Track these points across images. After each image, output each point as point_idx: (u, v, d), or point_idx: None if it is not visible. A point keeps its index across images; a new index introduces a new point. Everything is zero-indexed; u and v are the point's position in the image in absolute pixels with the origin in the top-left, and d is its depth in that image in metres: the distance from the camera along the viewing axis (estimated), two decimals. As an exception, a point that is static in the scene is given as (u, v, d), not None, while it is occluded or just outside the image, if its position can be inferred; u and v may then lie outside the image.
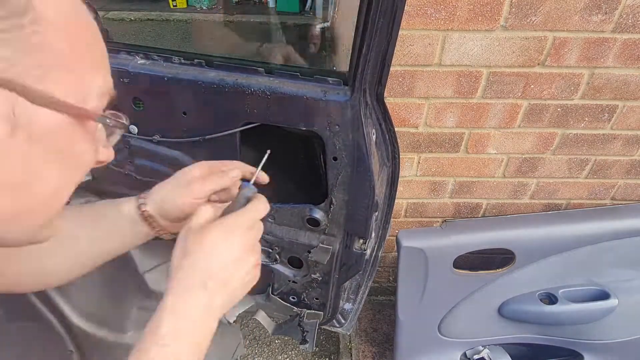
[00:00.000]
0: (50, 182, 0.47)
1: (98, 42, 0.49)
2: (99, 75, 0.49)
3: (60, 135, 0.45)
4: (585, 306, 1.62)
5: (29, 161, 0.44)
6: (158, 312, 0.58)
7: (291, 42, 4.50)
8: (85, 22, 0.47)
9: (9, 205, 0.45)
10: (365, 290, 1.25)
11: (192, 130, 0.96)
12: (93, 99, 0.47)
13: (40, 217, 0.49)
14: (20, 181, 0.44)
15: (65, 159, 0.47)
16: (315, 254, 1.07)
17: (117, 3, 4.88)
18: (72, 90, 0.45)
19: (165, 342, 0.56)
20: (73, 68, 0.44)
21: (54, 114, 0.43)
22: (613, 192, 1.78)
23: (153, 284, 1.36)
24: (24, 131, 0.42)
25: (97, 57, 0.49)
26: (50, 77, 0.42)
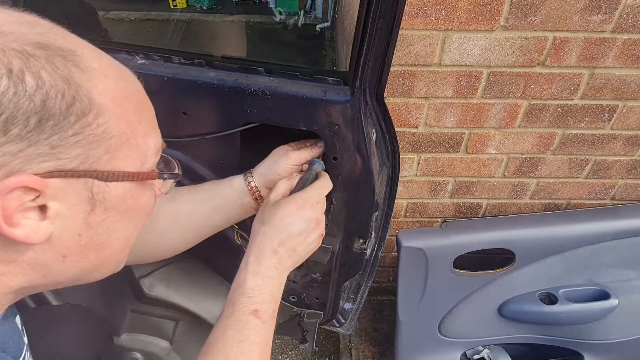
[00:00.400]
0: (124, 233, 0.56)
1: (146, 105, 0.56)
2: (153, 135, 0.55)
3: (129, 198, 0.53)
4: (585, 306, 1.62)
5: (107, 225, 0.52)
6: (242, 271, 0.74)
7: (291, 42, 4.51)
8: (135, 93, 0.53)
9: (94, 261, 0.54)
10: (366, 290, 1.25)
11: (192, 130, 0.96)
12: (151, 158, 0.55)
13: (116, 260, 0.59)
14: (100, 241, 0.53)
15: (134, 213, 0.56)
16: (315, 253, 1.06)
17: (117, 3, 4.88)
18: (134, 159, 0.52)
19: (250, 294, 0.71)
20: (132, 140, 0.51)
21: (122, 184, 0.51)
22: (613, 192, 1.78)
23: (148, 288, 1.36)
24: (100, 205, 0.50)
25: (149, 119, 0.56)
26: (117, 157, 0.49)
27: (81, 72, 0.45)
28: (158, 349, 1.42)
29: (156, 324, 1.43)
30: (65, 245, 0.49)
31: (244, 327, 0.68)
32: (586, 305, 1.62)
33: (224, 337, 0.67)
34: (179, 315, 1.42)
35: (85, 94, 0.45)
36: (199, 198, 0.89)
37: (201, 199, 0.89)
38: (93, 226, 0.50)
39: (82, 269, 0.53)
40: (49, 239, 0.47)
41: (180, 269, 1.38)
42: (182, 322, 1.43)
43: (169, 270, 1.37)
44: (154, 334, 1.43)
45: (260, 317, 0.69)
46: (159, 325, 1.43)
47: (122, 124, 0.49)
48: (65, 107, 0.43)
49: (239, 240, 1.08)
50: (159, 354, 1.42)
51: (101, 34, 1.58)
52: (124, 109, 0.50)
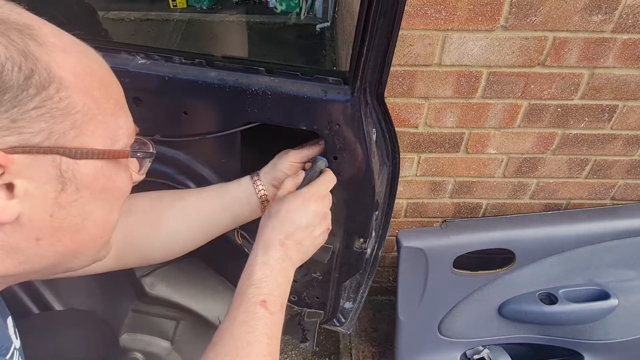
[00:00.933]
0: (100, 216, 0.54)
1: (114, 85, 0.55)
2: (122, 115, 0.55)
3: (101, 177, 0.52)
4: (585, 306, 1.62)
5: (80, 206, 0.51)
6: (250, 264, 0.74)
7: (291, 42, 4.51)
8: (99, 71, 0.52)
9: (69, 244, 0.52)
10: (366, 289, 1.25)
11: (193, 130, 0.96)
12: (122, 138, 0.54)
13: (97, 246, 0.57)
14: (75, 224, 0.51)
15: (108, 194, 0.55)
16: (316, 253, 1.07)
17: (117, 3, 4.88)
18: (103, 136, 0.51)
19: (258, 284, 0.71)
20: (99, 117, 0.50)
21: (93, 162, 0.50)
22: (613, 192, 1.78)
23: (149, 287, 1.36)
24: (71, 184, 0.49)
25: (117, 100, 0.55)
26: (84, 132, 0.48)
27: (39, 46, 0.45)
28: (159, 349, 1.42)
29: (157, 323, 1.43)
30: (38, 226, 0.48)
31: (251, 318, 0.68)
32: (586, 305, 1.62)
33: (232, 327, 0.67)
34: (179, 315, 1.42)
35: (44, 67, 0.44)
36: (207, 197, 0.90)
37: (210, 197, 0.90)
38: (65, 206, 0.49)
39: (58, 253, 0.52)
40: (19, 220, 0.46)
41: (180, 268, 1.39)
42: (183, 321, 1.43)
43: (169, 269, 1.37)
44: (154, 333, 1.43)
45: (268, 307, 0.70)
46: (159, 325, 1.43)
47: (86, 99, 0.48)
48: (23, 79, 0.43)
49: (239, 240, 1.08)
50: (160, 354, 1.42)
51: (101, 34, 1.58)
52: (87, 84, 0.49)
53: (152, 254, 0.88)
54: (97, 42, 0.96)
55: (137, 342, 1.42)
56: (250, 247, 0.89)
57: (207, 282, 1.40)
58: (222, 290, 1.40)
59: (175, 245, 0.89)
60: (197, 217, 0.89)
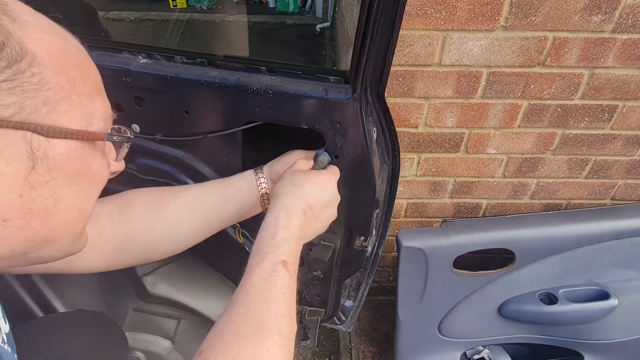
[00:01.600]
0: (73, 201, 0.52)
1: (91, 68, 0.54)
2: (98, 99, 0.54)
3: (75, 159, 0.50)
4: (585, 306, 1.62)
5: (52, 188, 0.49)
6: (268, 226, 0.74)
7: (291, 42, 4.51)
8: (76, 53, 0.52)
9: (39, 229, 0.50)
10: (366, 287, 1.26)
11: (194, 129, 0.97)
12: (97, 122, 0.53)
13: (69, 235, 0.55)
14: (46, 207, 0.49)
15: (83, 178, 0.53)
16: (317, 251, 1.07)
17: (117, 3, 4.88)
18: (77, 117, 0.50)
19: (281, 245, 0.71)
20: (74, 97, 0.49)
21: (66, 142, 0.49)
22: (613, 192, 1.78)
23: (151, 286, 1.36)
24: (42, 163, 0.47)
25: (94, 83, 0.54)
26: (57, 110, 0.47)
27: (12, 21, 0.44)
28: (160, 348, 1.42)
29: (158, 322, 1.43)
30: (6, 206, 0.46)
31: (271, 276, 0.67)
32: (586, 305, 1.62)
33: (249, 285, 0.66)
34: (181, 314, 1.42)
35: (16, 41, 0.44)
36: (210, 188, 0.90)
37: (212, 188, 0.90)
38: (36, 187, 0.47)
39: (27, 238, 0.50)
40: None
41: (182, 267, 1.39)
42: (184, 320, 1.43)
43: (171, 268, 1.37)
44: (155, 332, 1.43)
45: (288, 269, 0.69)
46: (160, 324, 1.43)
47: (60, 78, 0.47)
48: None
49: (240, 238, 1.08)
50: (161, 353, 1.42)
51: (101, 34, 1.58)
52: (61, 63, 0.48)
53: (153, 249, 0.87)
54: (98, 42, 0.97)
55: (138, 341, 1.42)
56: (251, 245, 0.90)
57: (208, 281, 1.40)
58: (223, 289, 1.40)
59: (178, 239, 0.88)
60: (199, 208, 0.87)
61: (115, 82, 0.93)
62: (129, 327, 1.42)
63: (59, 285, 1.22)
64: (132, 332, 1.41)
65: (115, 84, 0.93)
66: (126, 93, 0.95)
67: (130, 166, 1.07)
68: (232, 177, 0.91)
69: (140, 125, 1.01)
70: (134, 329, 1.42)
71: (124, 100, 0.97)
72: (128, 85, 0.93)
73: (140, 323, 1.42)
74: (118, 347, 1.09)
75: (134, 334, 1.41)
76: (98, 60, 0.92)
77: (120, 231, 0.81)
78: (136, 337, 1.41)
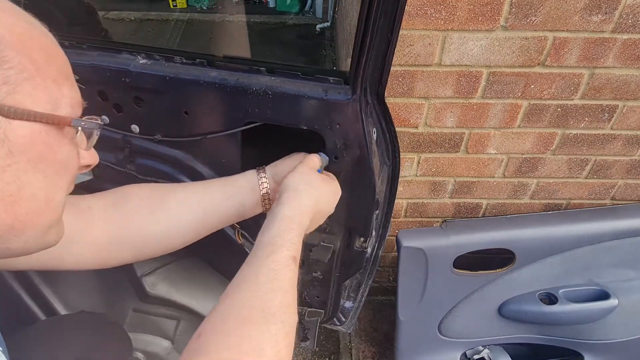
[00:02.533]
0: (39, 189, 0.50)
1: (58, 54, 0.52)
2: (66, 85, 0.52)
3: (40, 144, 0.49)
4: (585, 306, 1.62)
5: (14, 173, 0.47)
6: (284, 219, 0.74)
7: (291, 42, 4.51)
8: (41, 37, 0.50)
9: (4, 217, 0.48)
10: (366, 288, 1.26)
11: (194, 130, 0.96)
12: (65, 107, 0.51)
13: (37, 226, 0.52)
14: (10, 193, 0.47)
15: (49, 166, 0.50)
16: (317, 252, 1.07)
17: (117, 3, 4.88)
18: (42, 100, 0.48)
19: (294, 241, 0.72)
20: (38, 79, 0.48)
21: (29, 124, 0.47)
22: (613, 192, 1.78)
23: (150, 287, 1.36)
24: (3, 145, 0.45)
25: (60, 68, 0.52)
26: (18, 91, 0.46)
27: None
28: (159, 348, 1.43)
29: (157, 323, 1.43)
30: None
31: (283, 268, 0.67)
32: (586, 305, 1.62)
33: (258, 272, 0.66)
34: (180, 314, 1.42)
35: None
36: (210, 185, 0.89)
37: (213, 186, 0.89)
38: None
39: None
40: None
41: (181, 267, 1.39)
42: (184, 321, 1.43)
43: (170, 268, 1.37)
44: (155, 333, 1.43)
45: (296, 264, 0.70)
46: (160, 324, 1.43)
47: (23, 59, 0.46)
48: None
49: (240, 239, 1.08)
50: (160, 353, 1.42)
51: (101, 34, 1.58)
52: (25, 44, 0.47)
53: (149, 245, 0.84)
54: (98, 42, 0.97)
55: (137, 341, 1.42)
56: (251, 247, 0.89)
57: (207, 281, 1.40)
58: (222, 289, 1.39)
59: (175, 236, 0.86)
60: (198, 205, 0.86)
61: (114, 82, 0.92)
62: (129, 328, 1.42)
63: (59, 287, 1.22)
64: (132, 332, 1.41)
65: (115, 84, 0.93)
66: (126, 93, 0.95)
67: (130, 167, 1.07)
68: (233, 176, 0.90)
69: (139, 125, 1.00)
70: (133, 330, 1.42)
71: (123, 101, 0.97)
72: (127, 86, 0.93)
73: (139, 323, 1.42)
74: (122, 348, 1.09)
75: (134, 335, 1.42)
76: (97, 61, 0.93)
77: (115, 226, 0.79)
78: (136, 337, 1.41)
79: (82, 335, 1.02)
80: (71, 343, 0.98)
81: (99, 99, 0.97)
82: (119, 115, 1.00)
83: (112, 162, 1.08)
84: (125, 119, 1.00)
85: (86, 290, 1.31)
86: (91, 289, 1.32)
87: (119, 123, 1.01)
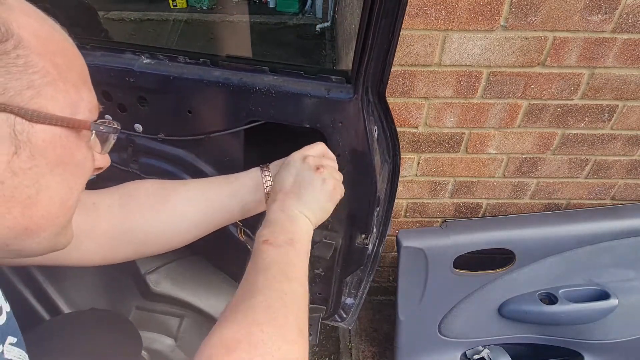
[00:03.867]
0: (56, 192, 0.51)
1: (78, 58, 0.54)
2: (85, 89, 0.53)
3: (59, 147, 0.50)
4: (585, 306, 1.63)
5: (34, 175, 0.48)
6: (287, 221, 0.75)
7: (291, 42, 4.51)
8: (63, 41, 0.52)
9: (20, 219, 0.48)
10: (367, 285, 1.26)
11: (197, 129, 0.97)
12: (83, 111, 0.52)
13: (51, 228, 0.53)
14: (28, 195, 0.48)
15: (66, 169, 0.52)
16: (318, 249, 1.07)
17: (117, 3, 4.89)
18: (63, 104, 0.49)
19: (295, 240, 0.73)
20: (60, 83, 0.49)
21: (50, 128, 0.48)
22: (613, 192, 1.79)
23: (154, 284, 1.37)
24: (25, 148, 0.46)
25: (80, 73, 0.53)
26: (42, 95, 0.46)
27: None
28: (163, 346, 1.43)
29: (161, 320, 1.43)
30: None
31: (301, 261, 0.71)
32: (586, 305, 1.63)
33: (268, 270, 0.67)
34: (183, 312, 1.43)
35: (2, 22, 0.43)
36: (214, 183, 0.89)
37: (217, 184, 0.89)
38: (19, 173, 0.46)
39: (8, 228, 0.48)
40: None
41: (184, 265, 1.39)
42: (187, 318, 1.44)
43: (174, 266, 1.37)
44: (158, 331, 1.43)
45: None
46: (163, 322, 1.43)
47: (46, 63, 0.47)
48: None
49: (242, 237, 1.09)
50: (164, 351, 1.42)
51: (101, 34, 1.58)
52: (48, 48, 0.48)
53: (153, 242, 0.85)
54: (102, 42, 0.97)
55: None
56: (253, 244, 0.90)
57: (210, 279, 1.40)
58: (225, 287, 1.40)
59: (179, 233, 0.86)
60: (202, 203, 0.86)
61: (118, 82, 0.93)
62: (133, 326, 1.43)
63: (63, 285, 1.22)
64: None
65: (119, 84, 0.94)
66: (129, 93, 0.96)
67: (133, 166, 1.08)
68: (237, 174, 0.90)
69: (143, 125, 1.01)
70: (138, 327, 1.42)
71: (127, 100, 0.98)
72: (131, 86, 0.93)
73: (143, 321, 1.42)
74: (133, 344, 1.10)
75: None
76: (101, 61, 0.93)
77: (119, 222, 0.80)
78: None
79: (94, 333, 1.02)
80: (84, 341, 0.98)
81: (103, 98, 0.98)
82: (122, 115, 1.00)
83: (116, 161, 1.09)
84: (129, 119, 1.01)
85: (90, 289, 1.31)
86: (95, 287, 1.32)
87: (122, 122, 1.02)
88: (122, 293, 1.40)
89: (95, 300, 1.31)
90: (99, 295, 1.33)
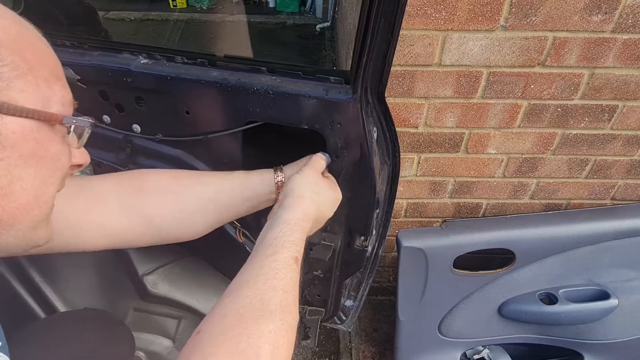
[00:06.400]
0: (30, 184, 0.51)
1: (50, 55, 0.54)
2: (57, 84, 0.54)
3: (31, 140, 0.50)
4: (585, 306, 1.62)
5: (6, 167, 0.48)
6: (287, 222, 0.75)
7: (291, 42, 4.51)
8: (33, 37, 0.52)
9: None
10: (366, 287, 1.26)
11: (195, 129, 0.97)
12: (56, 105, 0.53)
13: (26, 221, 0.54)
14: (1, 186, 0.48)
15: (39, 162, 0.52)
16: (317, 251, 1.07)
17: (117, 3, 4.88)
18: (33, 97, 0.50)
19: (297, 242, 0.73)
20: (30, 77, 0.49)
21: (21, 120, 0.49)
22: (613, 192, 1.78)
23: (152, 286, 1.36)
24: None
25: (52, 68, 0.54)
26: (11, 87, 0.47)
27: None
28: (160, 347, 1.43)
29: (159, 322, 1.43)
30: None
31: (284, 268, 0.68)
32: (586, 305, 1.62)
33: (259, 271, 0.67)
34: (181, 314, 1.42)
35: None
36: (230, 188, 0.89)
37: (233, 189, 0.89)
38: None
39: None
40: None
41: (183, 266, 1.39)
42: (185, 320, 1.44)
43: (172, 267, 1.37)
44: (156, 332, 1.43)
45: (297, 264, 0.71)
46: (161, 323, 1.43)
47: (16, 57, 0.48)
48: None
49: (241, 238, 1.09)
50: (162, 352, 1.42)
51: (101, 34, 1.58)
52: (18, 45, 0.49)
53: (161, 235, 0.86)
54: (99, 42, 0.97)
55: (139, 340, 1.42)
56: (252, 245, 0.90)
57: (209, 280, 1.40)
58: (223, 288, 1.39)
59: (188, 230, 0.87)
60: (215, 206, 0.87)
61: (116, 82, 0.93)
62: (130, 327, 1.42)
63: (60, 284, 1.22)
64: (133, 331, 1.41)
65: (116, 84, 0.93)
66: (127, 93, 0.96)
67: (131, 166, 1.07)
68: (253, 177, 0.90)
69: (141, 125, 1.01)
70: (134, 329, 1.41)
71: (124, 101, 0.97)
72: (129, 86, 0.93)
73: (141, 323, 1.42)
74: (126, 345, 1.09)
75: (135, 334, 1.42)
76: (99, 61, 0.93)
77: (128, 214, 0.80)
78: (137, 336, 1.41)
79: (85, 332, 1.02)
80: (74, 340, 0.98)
81: (100, 98, 0.98)
82: (120, 115, 1.00)
83: (114, 161, 1.08)
84: (126, 119, 1.00)
85: (87, 289, 1.31)
86: (92, 288, 1.32)
87: (120, 123, 1.02)
88: (119, 294, 1.40)
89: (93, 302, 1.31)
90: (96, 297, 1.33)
